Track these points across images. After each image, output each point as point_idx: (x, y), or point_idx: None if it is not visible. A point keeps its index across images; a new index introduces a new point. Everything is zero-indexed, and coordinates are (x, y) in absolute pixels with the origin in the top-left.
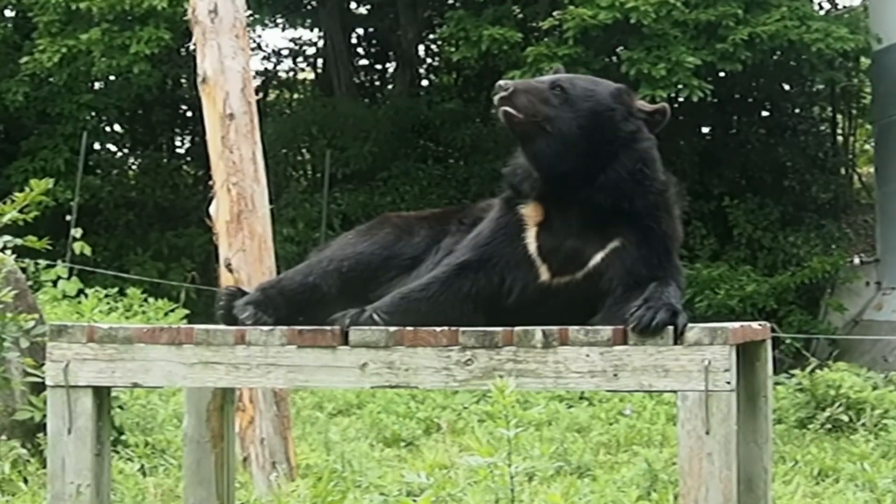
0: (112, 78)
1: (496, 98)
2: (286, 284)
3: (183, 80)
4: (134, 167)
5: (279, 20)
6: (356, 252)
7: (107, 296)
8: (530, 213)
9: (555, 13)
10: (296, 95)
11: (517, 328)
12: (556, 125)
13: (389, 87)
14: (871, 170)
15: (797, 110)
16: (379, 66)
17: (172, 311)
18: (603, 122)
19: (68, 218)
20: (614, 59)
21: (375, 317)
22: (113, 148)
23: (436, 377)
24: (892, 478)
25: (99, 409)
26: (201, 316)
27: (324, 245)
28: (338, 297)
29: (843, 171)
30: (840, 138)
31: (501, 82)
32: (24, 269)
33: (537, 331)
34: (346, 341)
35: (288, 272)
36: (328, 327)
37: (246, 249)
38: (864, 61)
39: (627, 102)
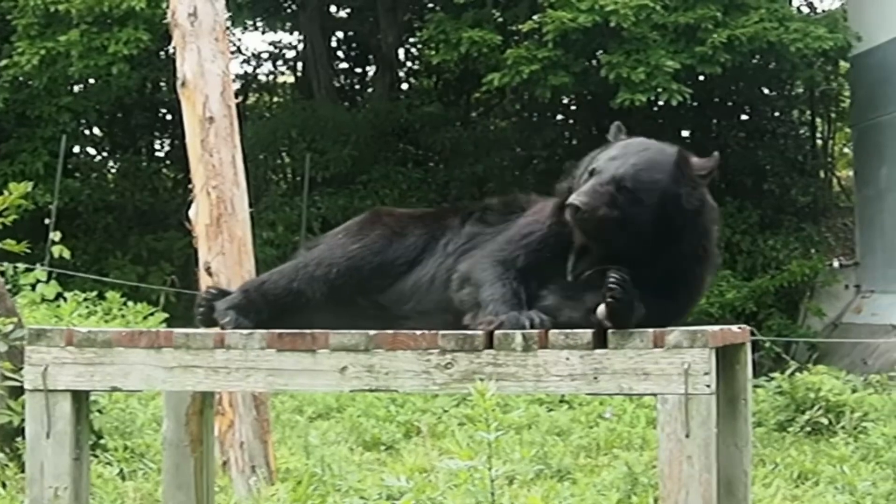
0: (91, 81)
1: (570, 217)
2: (269, 288)
3: (162, 84)
4: (113, 170)
5: (259, 23)
6: (346, 255)
7: (86, 299)
8: (580, 236)
9: (534, 16)
10: (275, 99)
11: (497, 331)
12: (630, 226)
13: (369, 90)
14: (851, 173)
15: (776, 114)
16: (359, 70)
17: (152, 314)
18: (670, 210)
19: (47, 221)
20: (594, 62)
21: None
22: (92, 151)
23: (415, 381)
24: (872, 480)
25: (78, 413)
26: (181, 319)
27: (312, 243)
28: (323, 302)
29: (822, 174)
30: (819, 142)
31: (575, 202)
32: (2, 273)
33: (517, 334)
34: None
35: (272, 273)
36: (308, 330)
37: (225, 253)
38: (843, 65)
39: (689, 178)
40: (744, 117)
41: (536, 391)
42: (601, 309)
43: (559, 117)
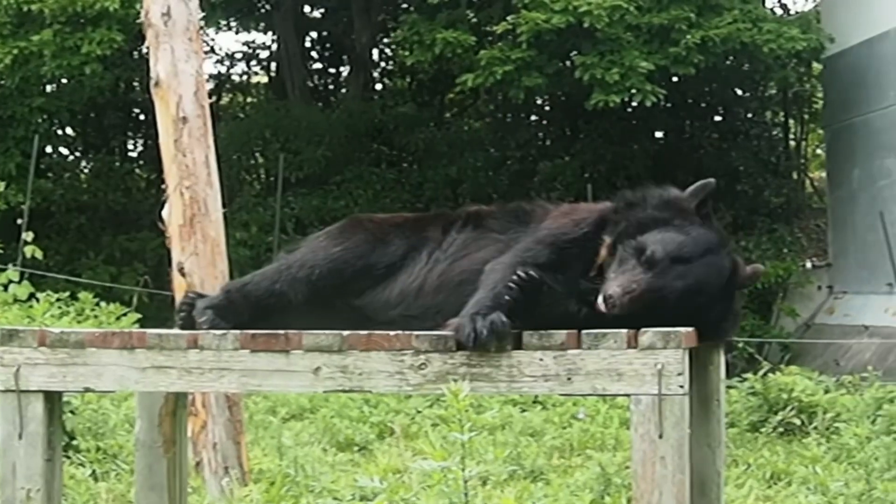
0: (64, 81)
1: (602, 301)
2: (251, 290)
3: (135, 84)
4: (86, 171)
5: (233, 23)
6: (329, 258)
7: (58, 300)
8: (605, 250)
9: (508, 17)
10: (249, 99)
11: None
12: (652, 315)
13: (343, 90)
14: (823, 174)
15: (750, 115)
16: (333, 70)
17: (125, 315)
18: (696, 317)
19: (20, 221)
20: (568, 63)
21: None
22: (65, 151)
23: (389, 381)
24: (844, 481)
25: (50, 413)
26: (154, 320)
27: (292, 245)
28: (304, 305)
29: (795, 175)
30: (792, 143)
31: (615, 299)
32: None
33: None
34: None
35: (255, 275)
36: (281, 331)
37: (199, 253)
38: (816, 66)
39: (728, 294)
40: (717, 118)
41: (510, 392)
42: None
43: (533, 118)
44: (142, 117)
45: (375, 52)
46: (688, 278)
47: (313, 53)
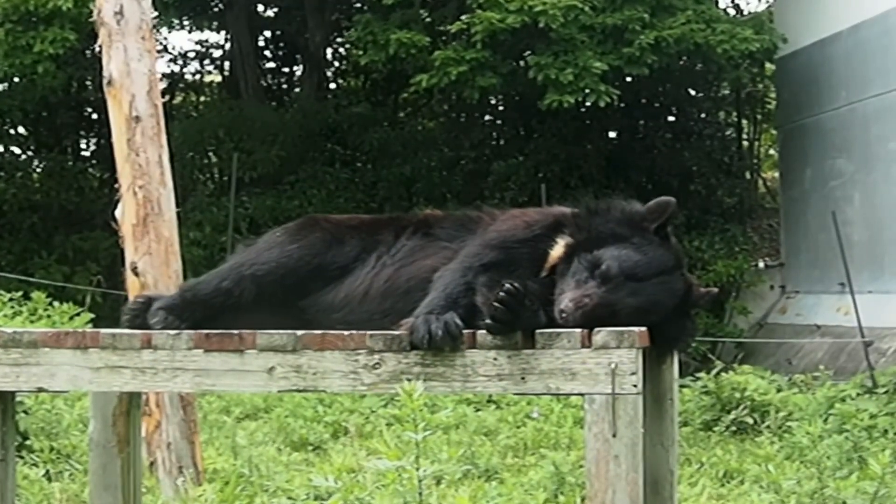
0: (16, 80)
1: (557, 312)
2: (201, 288)
3: (88, 83)
4: (38, 170)
5: (185, 22)
6: (283, 255)
7: (11, 300)
8: (559, 249)
9: (463, 17)
10: (202, 98)
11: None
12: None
13: (297, 90)
14: (776, 174)
15: (703, 115)
16: (286, 69)
17: (78, 315)
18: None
19: None
20: (522, 63)
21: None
22: (17, 150)
23: (343, 381)
24: (796, 479)
25: (3, 414)
26: (107, 320)
27: (252, 241)
28: (253, 303)
29: (747, 175)
30: (745, 143)
31: (566, 313)
32: None
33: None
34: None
35: (210, 273)
36: (235, 331)
37: (152, 253)
38: (769, 67)
39: (681, 313)
40: (671, 118)
41: (464, 391)
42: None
43: (487, 118)
44: (94, 116)
45: (329, 52)
46: (640, 296)
47: (267, 53)
